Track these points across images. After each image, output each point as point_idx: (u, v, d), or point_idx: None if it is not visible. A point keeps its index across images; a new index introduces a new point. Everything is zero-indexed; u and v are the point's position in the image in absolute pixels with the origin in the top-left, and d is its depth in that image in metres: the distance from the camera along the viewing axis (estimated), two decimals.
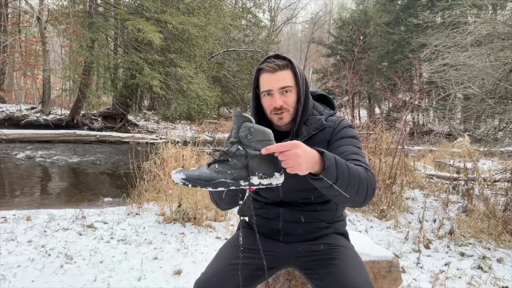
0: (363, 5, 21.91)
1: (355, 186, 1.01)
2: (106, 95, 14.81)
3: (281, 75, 1.20)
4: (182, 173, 0.93)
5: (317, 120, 1.27)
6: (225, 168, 0.96)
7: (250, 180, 0.96)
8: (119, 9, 12.30)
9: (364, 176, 1.05)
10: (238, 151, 0.97)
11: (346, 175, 0.99)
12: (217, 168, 0.96)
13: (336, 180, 0.97)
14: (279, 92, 1.20)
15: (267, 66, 1.20)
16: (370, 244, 1.81)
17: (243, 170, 0.96)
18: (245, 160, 0.96)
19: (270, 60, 1.22)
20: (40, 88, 15.31)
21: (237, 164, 0.96)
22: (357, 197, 1.03)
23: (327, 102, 1.39)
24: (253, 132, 0.96)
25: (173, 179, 0.93)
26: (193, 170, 0.96)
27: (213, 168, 0.96)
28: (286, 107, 1.21)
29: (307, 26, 36.33)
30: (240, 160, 0.96)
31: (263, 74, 1.22)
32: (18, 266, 2.40)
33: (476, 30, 4.72)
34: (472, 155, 3.90)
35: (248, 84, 17.35)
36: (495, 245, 3.03)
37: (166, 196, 3.68)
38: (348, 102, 5.23)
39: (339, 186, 0.99)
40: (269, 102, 1.22)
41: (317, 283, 1.17)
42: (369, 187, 1.05)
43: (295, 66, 1.22)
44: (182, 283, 2.31)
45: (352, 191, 1.01)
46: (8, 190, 5.27)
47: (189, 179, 0.92)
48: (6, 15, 13.75)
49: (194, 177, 0.93)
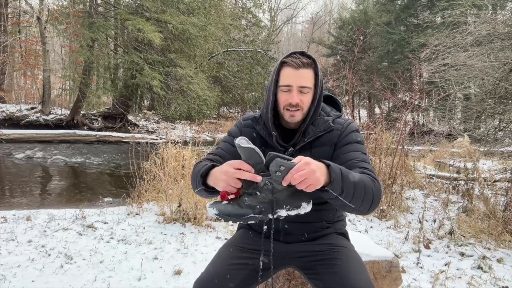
0: (363, 5, 21.89)
1: (360, 197, 1.04)
2: (106, 95, 14.80)
3: (303, 73, 1.20)
4: (215, 208, 1.03)
5: (325, 121, 1.27)
6: (254, 202, 1.01)
7: (278, 213, 1.01)
8: (119, 9, 12.30)
9: (370, 186, 1.07)
10: (266, 185, 1.01)
11: (351, 187, 1.01)
12: (247, 202, 1.01)
13: (342, 192, 1.00)
14: (298, 90, 1.20)
15: (292, 61, 1.20)
16: (370, 244, 1.81)
17: (270, 205, 1.01)
18: (272, 196, 1.00)
19: (296, 55, 1.22)
20: (40, 88, 15.31)
21: (265, 198, 1.01)
22: (362, 206, 1.06)
23: (334, 103, 1.40)
24: (283, 170, 0.97)
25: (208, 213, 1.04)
26: (225, 205, 1.03)
27: (243, 202, 1.02)
28: (302, 105, 1.21)
29: (307, 26, 36.33)
30: (268, 195, 1.01)
31: (286, 68, 1.22)
32: (18, 266, 2.40)
33: (476, 30, 4.72)
34: (472, 155, 3.89)
35: (248, 84, 17.36)
36: (495, 245, 3.03)
37: (166, 196, 3.68)
38: (348, 102, 5.23)
39: (344, 198, 1.01)
40: (286, 97, 1.22)
41: (318, 283, 1.17)
42: (374, 197, 1.07)
43: (318, 67, 1.23)
44: (182, 283, 2.30)
45: (357, 201, 1.04)
46: (8, 190, 5.27)
47: (221, 213, 1.02)
48: (6, 15, 13.75)
49: (225, 212, 1.02)
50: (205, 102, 12.88)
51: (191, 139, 5.52)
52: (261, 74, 17.11)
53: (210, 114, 14.95)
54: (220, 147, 1.35)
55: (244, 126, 1.36)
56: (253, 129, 1.32)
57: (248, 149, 1.00)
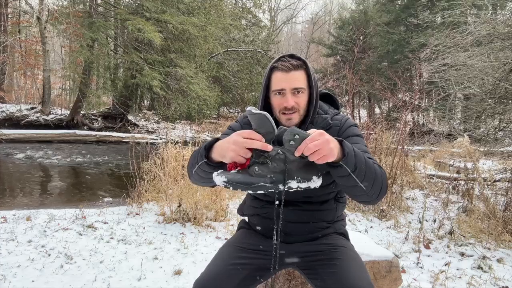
0: (363, 5, 21.87)
1: (371, 177, 1.03)
2: (106, 95, 14.81)
3: (295, 75, 1.18)
4: (224, 175, 0.97)
5: (323, 119, 1.27)
6: (264, 171, 0.98)
7: (288, 184, 0.98)
8: (119, 9, 12.30)
9: (379, 170, 1.07)
10: (278, 155, 0.98)
11: (363, 165, 1.01)
12: (257, 171, 0.98)
13: (355, 169, 0.99)
14: (292, 93, 1.19)
15: (281, 65, 1.19)
16: (370, 244, 1.81)
17: (281, 175, 0.98)
18: (284, 165, 0.97)
19: (285, 59, 1.20)
20: (40, 88, 15.30)
21: (276, 167, 0.98)
22: (372, 190, 1.04)
23: (331, 101, 1.40)
24: (297, 139, 0.95)
25: (215, 181, 0.97)
26: (234, 174, 0.99)
27: (253, 171, 0.98)
28: (297, 107, 1.20)
29: (307, 26, 36.32)
30: (279, 164, 0.98)
31: (276, 73, 1.20)
32: (18, 266, 2.40)
33: (476, 30, 4.72)
34: (472, 155, 3.89)
35: (248, 84, 17.35)
36: (495, 245, 3.03)
37: (166, 196, 3.68)
38: (348, 102, 5.23)
39: (357, 176, 1.00)
40: (280, 102, 1.20)
41: (318, 283, 1.17)
42: (383, 181, 1.07)
43: (309, 67, 1.22)
44: (182, 283, 2.30)
45: (369, 183, 1.03)
46: (8, 190, 5.27)
47: (230, 181, 0.96)
48: (6, 15, 13.74)
49: (235, 180, 0.96)
50: (205, 102, 12.89)
51: (191, 139, 5.52)
52: (261, 74, 17.09)
53: (210, 114, 14.95)
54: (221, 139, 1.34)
55: (245, 123, 1.34)
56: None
57: (260, 116, 0.97)
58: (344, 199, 1.38)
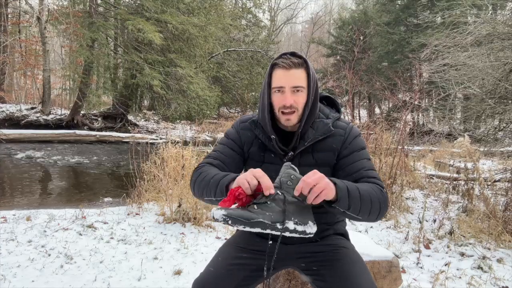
0: (363, 5, 21.90)
1: (367, 209, 1.07)
2: (106, 95, 14.83)
3: (295, 73, 1.19)
4: (223, 210, 0.98)
5: (324, 124, 1.24)
6: (263, 210, 1.00)
7: (286, 224, 1.00)
8: (119, 9, 12.31)
9: (377, 197, 1.09)
10: (277, 195, 1.02)
11: (358, 202, 1.04)
12: (256, 209, 1.00)
13: (349, 208, 1.03)
14: (291, 91, 1.19)
15: (282, 62, 1.19)
16: (370, 244, 1.81)
17: (280, 214, 1.01)
18: (283, 205, 1.01)
19: (286, 56, 1.21)
20: (40, 88, 15.31)
21: (275, 207, 1.01)
22: (370, 217, 1.10)
23: (332, 104, 1.38)
24: (294, 180, 1.01)
25: (212, 215, 0.98)
26: (233, 209, 1.01)
27: (252, 208, 1.01)
28: (296, 106, 1.19)
29: (307, 26, 36.32)
30: (278, 204, 1.01)
31: (277, 70, 1.21)
32: (18, 266, 2.40)
33: (476, 30, 4.72)
34: (472, 155, 3.89)
35: (248, 84, 17.37)
36: (495, 245, 3.02)
37: (166, 196, 3.68)
38: (348, 102, 5.23)
39: (352, 212, 1.05)
40: (280, 99, 1.20)
41: (320, 284, 1.17)
42: (381, 207, 1.10)
43: (310, 66, 1.21)
44: (182, 283, 2.30)
45: (364, 214, 1.07)
46: (8, 190, 5.27)
47: (230, 216, 0.97)
48: (6, 15, 13.74)
49: (234, 214, 0.98)
50: (205, 102, 12.90)
51: (191, 139, 5.52)
52: (261, 74, 17.11)
53: (210, 114, 14.96)
54: (219, 151, 1.31)
55: (242, 128, 1.32)
56: (252, 132, 1.29)
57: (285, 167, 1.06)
58: None
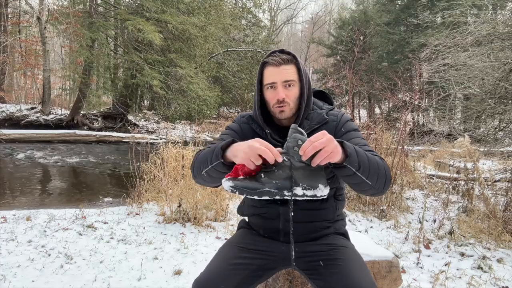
0: (363, 5, 21.90)
1: (375, 172, 1.06)
2: (106, 95, 14.81)
3: (285, 69, 1.23)
4: (230, 181, 0.99)
5: (318, 114, 1.30)
6: (270, 177, 0.99)
7: (294, 191, 0.98)
8: (119, 9, 12.31)
9: (381, 163, 1.10)
10: (284, 162, 1.00)
11: (366, 162, 1.03)
12: (263, 177, 0.99)
13: (359, 167, 1.01)
14: (283, 85, 1.23)
15: (272, 60, 1.23)
16: (370, 244, 1.81)
17: (287, 181, 0.99)
18: (290, 172, 0.99)
19: (275, 54, 1.25)
20: (40, 88, 15.31)
21: (282, 174, 0.99)
22: (378, 183, 1.07)
23: (325, 98, 1.44)
24: (301, 144, 0.96)
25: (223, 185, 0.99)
26: (241, 179, 1.00)
27: (259, 178, 1.00)
28: (288, 100, 1.23)
29: (307, 26, 36.32)
30: (285, 171, 0.99)
31: (267, 67, 1.25)
32: (18, 266, 2.40)
33: (476, 30, 4.72)
34: (472, 155, 3.89)
35: (249, 84, 17.36)
36: (495, 245, 3.03)
37: (166, 196, 3.68)
38: (348, 102, 5.23)
39: (362, 173, 1.02)
40: (272, 95, 1.25)
41: (320, 283, 1.16)
42: (387, 173, 1.10)
43: (299, 61, 1.26)
44: (182, 283, 2.30)
45: (374, 177, 1.06)
46: (8, 190, 5.27)
47: (236, 186, 0.97)
48: (6, 15, 13.74)
49: (241, 185, 0.97)
50: (205, 102, 12.89)
51: (191, 139, 5.53)
52: None
53: (210, 114, 14.95)
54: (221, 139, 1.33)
55: (243, 122, 1.38)
56: (250, 126, 1.35)
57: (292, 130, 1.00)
58: (343, 197, 1.38)
